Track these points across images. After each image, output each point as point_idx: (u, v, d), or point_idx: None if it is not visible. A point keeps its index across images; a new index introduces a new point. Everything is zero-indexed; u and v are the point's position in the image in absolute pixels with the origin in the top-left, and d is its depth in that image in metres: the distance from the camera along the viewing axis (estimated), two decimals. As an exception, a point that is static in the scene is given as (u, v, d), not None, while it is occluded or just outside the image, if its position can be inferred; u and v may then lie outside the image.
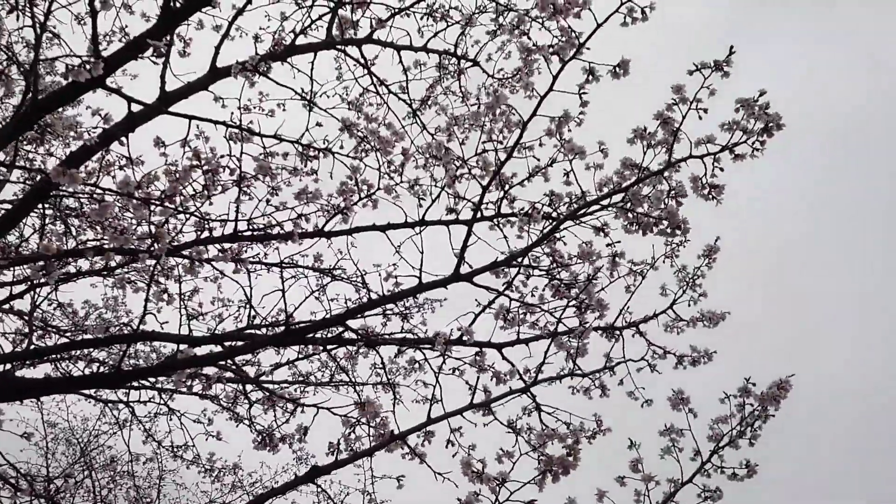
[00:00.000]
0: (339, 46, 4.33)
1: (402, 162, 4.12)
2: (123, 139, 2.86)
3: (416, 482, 4.47)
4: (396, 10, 4.49)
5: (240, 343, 3.41)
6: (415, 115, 4.76)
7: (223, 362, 3.56)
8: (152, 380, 4.91)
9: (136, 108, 3.23)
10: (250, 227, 3.78)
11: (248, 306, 4.31)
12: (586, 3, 3.39)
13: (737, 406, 3.42)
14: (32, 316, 4.86)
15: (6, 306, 5.14)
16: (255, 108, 4.36)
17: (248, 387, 4.49)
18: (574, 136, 3.62)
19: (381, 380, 5.14)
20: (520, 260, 3.48)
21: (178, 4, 3.09)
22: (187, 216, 3.26)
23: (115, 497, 6.78)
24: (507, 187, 3.82)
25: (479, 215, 3.55)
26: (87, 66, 2.49)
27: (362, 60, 4.62)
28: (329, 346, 3.93)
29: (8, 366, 4.00)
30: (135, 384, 4.79)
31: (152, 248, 2.64)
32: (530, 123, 3.43)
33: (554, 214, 3.65)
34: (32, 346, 4.47)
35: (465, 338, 3.16)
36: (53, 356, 4.66)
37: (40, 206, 4.70)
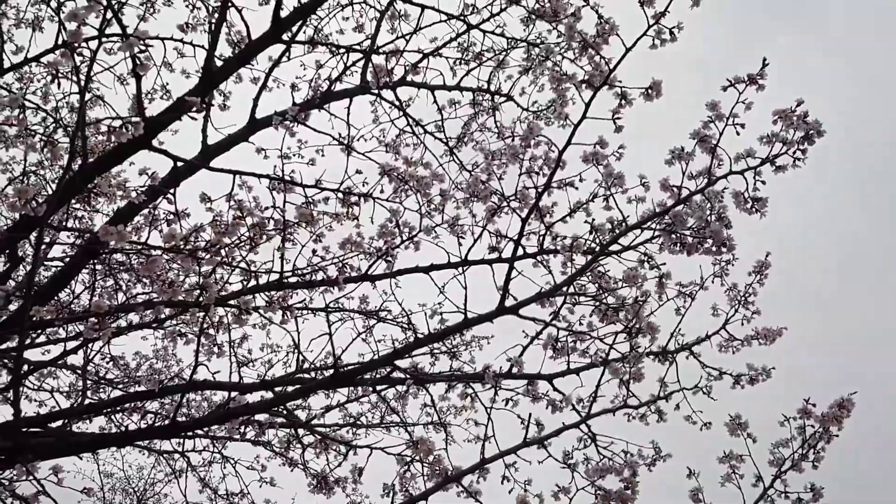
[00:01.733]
0: (373, 91, 4.40)
1: (441, 202, 4.14)
2: (170, 196, 2.93)
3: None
4: (427, 54, 4.55)
5: (290, 389, 3.43)
6: (451, 152, 4.80)
7: (275, 409, 3.59)
8: (205, 431, 4.97)
9: (180, 163, 3.31)
10: (294, 274, 3.83)
11: (296, 351, 4.35)
12: (613, 30, 3.41)
13: (797, 429, 3.33)
14: (86, 370, 4.96)
15: (60, 362, 5.26)
16: (294, 155, 4.43)
17: (300, 431, 4.50)
18: (610, 162, 3.62)
19: (431, 419, 5.13)
20: (565, 289, 3.47)
21: (217, 66, 3.19)
22: (233, 267, 3.32)
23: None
24: (547, 222, 3.82)
25: (520, 252, 3.55)
26: (129, 127, 2.57)
27: (397, 103, 4.69)
28: (378, 387, 3.94)
29: (64, 421, 4.08)
30: (188, 433, 4.84)
31: (200, 300, 2.69)
32: (568, 153, 3.44)
33: (596, 246, 3.64)
34: (87, 402, 4.56)
35: (514, 370, 3.14)
36: (107, 409, 4.74)
37: (90, 262, 4.82)
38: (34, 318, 2.51)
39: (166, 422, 3.54)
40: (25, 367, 4.78)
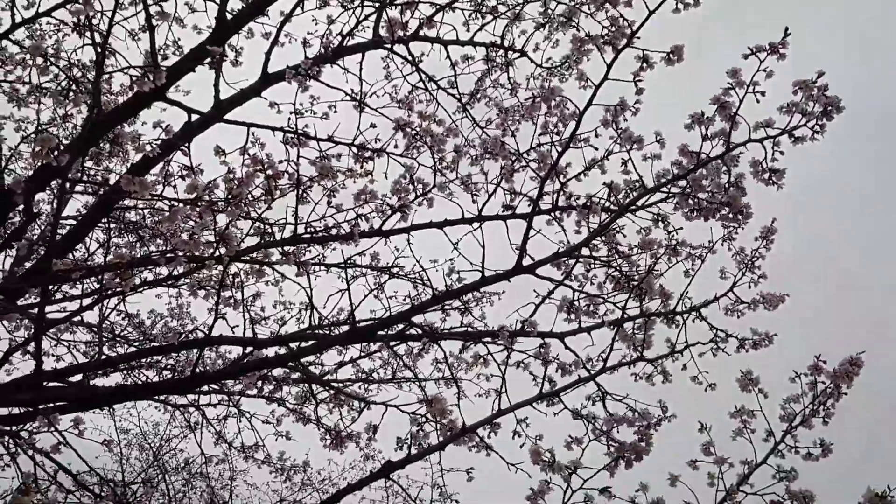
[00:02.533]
0: (386, 45, 4.36)
1: (455, 159, 4.13)
2: (184, 149, 2.93)
3: (484, 474, 4.49)
4: (442, 7, 4.50)
5: (306, 344, 3.46)
6: (465, 109, 4.78)
7: (291, 363, 3.62)
8: (221, 384, 5.03)
9: (193, 117, 3.31)
10: (308, 231, 3.84)
11: (309, 308, 4.38)
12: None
13: (808, 384, 3.36)
14: (102, 326, 5.02)
15: (76, 318, 5.31)
16: (307, 112, 4.42)
17: (315, 387, 4.55)
18: (629, 124, 3.62)
19: (443, 375, 5.17)
20: (581, 252, 3.48)
21: (231, 15, 3.16)
22: (253, 220, 3.32)
23: (189, 499, 6.96)
24: (563, 180, 3.82)
25: (537, 209, 3.54)
26: (150, 76, 2.56)
27: (410, 58, 4.65)
28: (392, 343, 3.97)
29: (82, 376, 4.13)
30: (204, 388, 4.90)
31: (219, 254, 2.70)
32: (583, 113, 3.43)
33: (612, 206, 3.63)
34: (104, 356, 4.61)
35: (527, 329, 3.16)
36: (124, 365, 4.79)
37: (104, 220, 4.84)
38: (55, 271, 2.53)
39: (186, 374, 3.57)
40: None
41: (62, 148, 2.28)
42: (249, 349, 3.96)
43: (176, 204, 2.60)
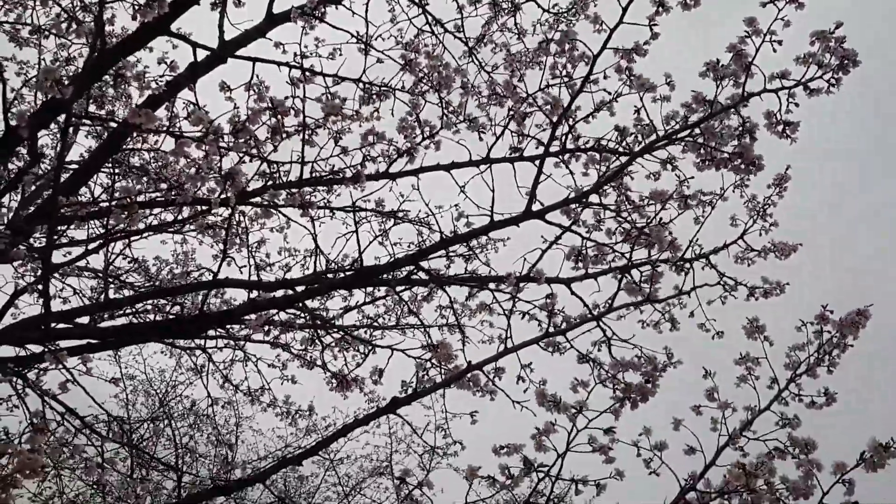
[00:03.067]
0: (393, -15, 4.28)
1: (462, 102, 4.08)
2: (191, 85, 2.89)
3: (487, 421, 4.53)
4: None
5: (313, 286, 3.46)
6: (471, 53, 4.70)
7: (298, 303, 3.61)
8: (227, 328, 5.05)
9: (200, 53, 3.25)
10: (313, 175, 3.81)
11: (314, 254, 4.37)
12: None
13: (814, 333, 3.35)
14: (107, 271, 5.02)
15: (82, 263, 5.31)
16: (312, 55, 4.35)
17: (321, 332, 4.57)
18: (642, 71, 3.57)
19: (447, 321, 5.18)
20: (591, 198, 3.45)
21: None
22: (260, 161, 3.29)
23: (195, 444, 7.05)
24: (571, 122, 3.77)
25: (547, 151, 3.50)
26: (153, 5, 2.51)
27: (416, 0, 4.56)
28: (398, 288, 3.97)
29: (89, 318, 4.14)
30: (210, 333, 4.92)
31: (226, 194, 2.68)
32: (598, 56, 3.37)
33: (622, 149, 3.59)
34: (111, 298, 4.62)
35: (533, 275, 3.14)
36: (130, 309, 4.80)
37: (108, 164, 4.81)
38: (62, 209, 2.52)
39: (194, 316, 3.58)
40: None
41: (66, 82, 2.24)
42: (255, 293, 3.96)
43: (182, 137, 2.56)
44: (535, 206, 3.39)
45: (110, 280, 5.13)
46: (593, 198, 3.52)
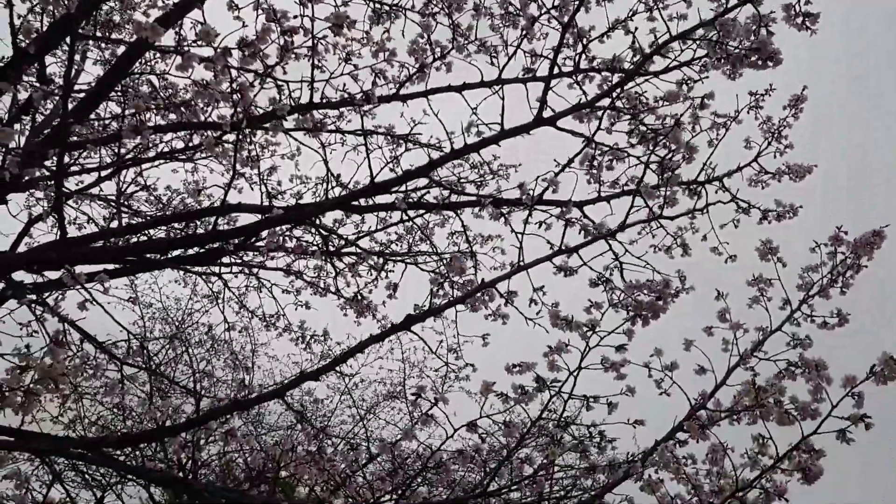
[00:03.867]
0: None
1: (472, 24, 3.99)
2: (199, 5, 2.84)
3: (498, 344, 4.57)
4: None
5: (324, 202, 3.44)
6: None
7: (311, 217, 3.59)
8: (241, 256, 5.09)
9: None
10: (323, 101, 3.77)
11: (325, 180, 4.36)
12: None
13: (828, 254, 3.34)
14: (120, 196, 5.04)
15: (94, 191, 5.32)
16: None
17: (333, 257, 4.59)
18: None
19: (459, 248, 5.19)
20: (604, 102, 3.38)
21: None
22: (268, 79, 3.25)
23: (212, 368, 7.20)
24: (585, 42, 3.69)
25: (556, 70, 3.44)
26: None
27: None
28: (411, 213, 3.96)
29: (104, 242, 4.18)
30: (224, 261, 4.96)
31: (236, 111, 2.66)
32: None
33: (638, 55, 3.50)
34: (125, 223, 4.66)
35: (551, 189, 3.12)
36: (144, 235, 4.82)
37: (118, 90, 4.77)
38: (73, 136, 2.51)
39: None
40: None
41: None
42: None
43: (191, 52, 2.53)
44: (547, 114, 3.33)
45: (123, 208, 5.14)
46: (606, 101, 3.45)
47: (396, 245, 5.47)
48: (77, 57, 4.31)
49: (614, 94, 3.39)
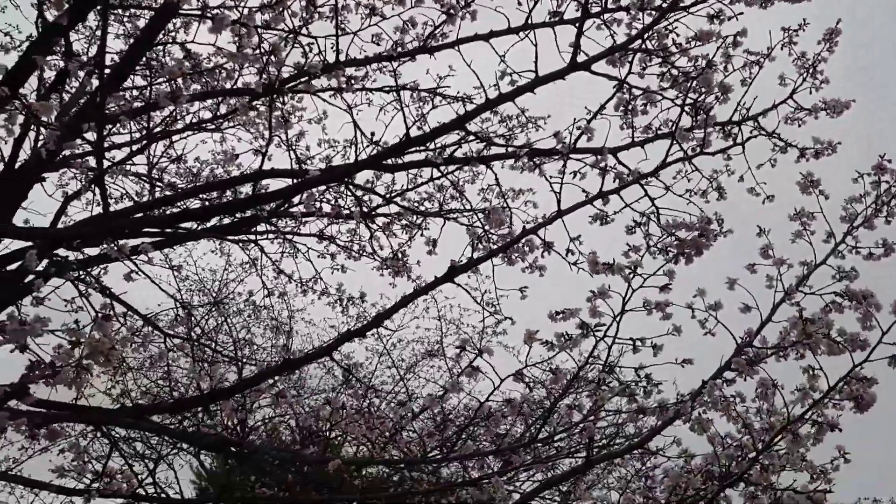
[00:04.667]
0: None
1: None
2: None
3: (535, 297, 4.56)
4: None
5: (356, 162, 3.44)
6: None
7: (344, 178, 3.60)
8: (275, 224, 5.13)
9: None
10: (350, 59, 3.75)
11: (353, 142, 4.35)
12: None
13: (871, 184, 3.28)
14: (151, 173, 5.08)
15: (126, 167, 5.37)
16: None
17: (367, 220, 4.61)
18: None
19: (491, 203, 5.17)
20: (637, 44, 3.32)
21: None
22: (295, 36, 3.23)
23: (252, 335, 7.30)
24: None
25: (586, 11, 3.37)
26: None
27: None
28: (443, 168, 3.94)
29: (142, 214, 4.23)
30: (259, 229, 5.01)
31: (267, 71, 2.65)
32: None
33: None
34: (160, 196, 4.70)
35: (585, 136, 3.08)
36: (180, 204, 4.86)
37: (142, 65, 4.79)
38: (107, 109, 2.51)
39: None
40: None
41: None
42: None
43: (220, 13, 2.53)
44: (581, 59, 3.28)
45: (156, 183, 5.19)
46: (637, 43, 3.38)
47: (428, 204, 5.48)
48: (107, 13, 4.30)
49: (646, 35, 3.32)
